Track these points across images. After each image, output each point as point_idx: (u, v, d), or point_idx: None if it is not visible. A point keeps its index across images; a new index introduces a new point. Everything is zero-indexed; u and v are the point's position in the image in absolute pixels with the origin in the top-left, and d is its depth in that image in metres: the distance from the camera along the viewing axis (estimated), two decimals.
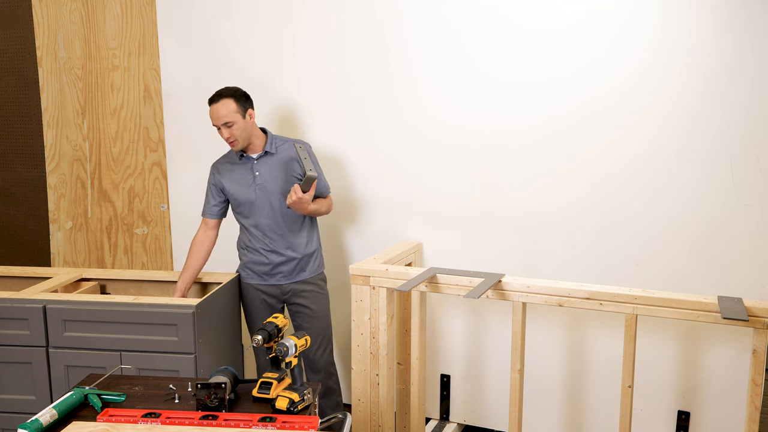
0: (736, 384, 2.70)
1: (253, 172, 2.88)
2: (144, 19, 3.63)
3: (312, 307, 2.96)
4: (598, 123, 2.81)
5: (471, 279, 2.53)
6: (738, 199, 2.64)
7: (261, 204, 2.87)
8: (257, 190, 2.86)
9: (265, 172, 2.87)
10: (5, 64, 3.96)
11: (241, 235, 2.99)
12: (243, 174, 2.89)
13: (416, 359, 2.71)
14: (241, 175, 2.89)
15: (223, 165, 2.95)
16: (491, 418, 3.18)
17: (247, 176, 2.88)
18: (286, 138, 2.97)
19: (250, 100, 2.86)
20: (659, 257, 2.78)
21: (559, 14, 2.81)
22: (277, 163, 2.87)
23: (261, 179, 2.86)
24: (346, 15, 3.18)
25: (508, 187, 3.00)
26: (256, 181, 2.86)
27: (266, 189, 2.86)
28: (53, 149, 3.88)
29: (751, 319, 2.17)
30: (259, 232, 2.91)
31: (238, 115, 2.77)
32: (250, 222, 2.92)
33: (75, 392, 1.90)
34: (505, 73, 2.93)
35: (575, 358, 2.98)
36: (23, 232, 4.10)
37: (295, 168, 2.89)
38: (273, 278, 2.94)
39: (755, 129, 2.59)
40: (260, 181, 2.86)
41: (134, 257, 3.86)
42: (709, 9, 2.60)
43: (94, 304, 2.63)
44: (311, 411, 1.95)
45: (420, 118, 3.11)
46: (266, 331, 2.01)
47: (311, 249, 2.96)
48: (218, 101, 2.77)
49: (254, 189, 2.87)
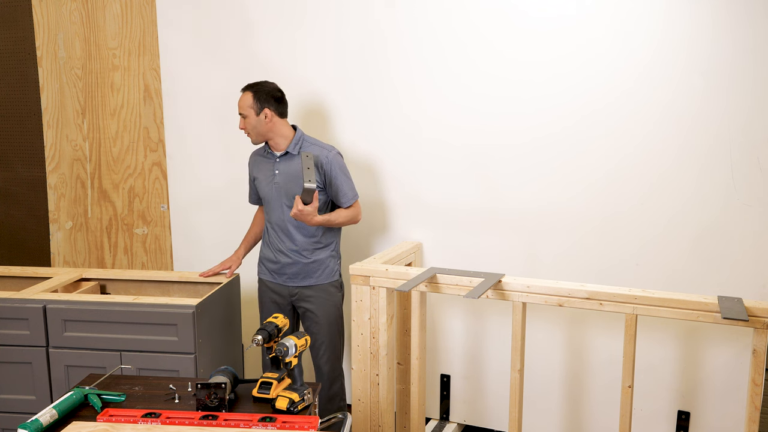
0: (736, 384, 2.70)
1: (273, 169, 2.89)
2: (144, 19, 3.63)
3: (317, 313, 2.93)
4: (599, 123, 2.81)
5: (471, 279, 2.53)
6: (738, 199, 2.64)
7: (276, 203, 2.88)
8: (274, 188, 2.88)
9: (283, 172, 2.87)
10: (5, 64, 3.96)
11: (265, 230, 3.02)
12: (267, 169, 2.92)
13: (416, 359, 2.71)
14: (266, 170, 2.92)
15: (256, 157, 3.00)
16: (491, 418, 3.18)
17: (269, 172, 2.91)
18: (316, 141, 2.92)
19: (273, 101, 2.82)
20: (659, 257, 2.78)
21: (559, 14, 2.81)
22: (296, 166, 2.85)
23: (279, 178, 2.88)
24: (346, 15, 3.18)
25: (508, 187, 3.00)
26: (275, 179, 2.88)
27: (281, 189, 2.87)
28: (53, 149, 3.88)
29: (751, 319, 2.17)
30: (273, 229, 2.92)
31: (251, 111, 2.81)
32: (268, 217, 2.95)
33: (75, 392, 1.90)
34: (504, 73, 2.94)
35: (575, 358, 2.98)
36: (23, 232, 4.10)
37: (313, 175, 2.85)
38: (280, 278, 2.94)
39: (755, 129, 2.59)
40: (278, 180, 2.88)
41: (134, 257, 3.86)
42: (709, 9, 2.60)
43: (94, 304, 2.63)
44: (311, 411, 1.95)
45: (420, 118, 3.11)
46: (266, 331, 2.02)
47: (322, 256, 2.91)
48: (243, 91, 2.85)
49: (272, 186, 2.88)
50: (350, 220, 2.91)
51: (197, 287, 3.07)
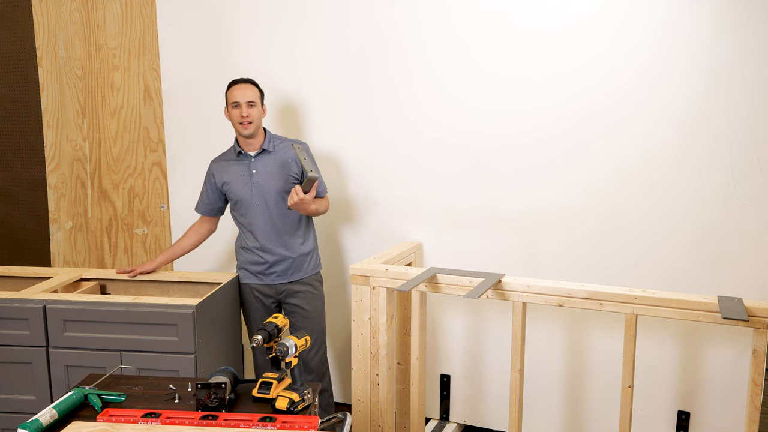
0: (736, 384, 2.70)
1: (250, 169, 2.89)
2: (144, 19, 3.63)
3: (306, 308, 2.97)
4: (599, 123, 2.81)
5: (471, 279, 2.53)
6: (738, 199, 2.64)
7: (257, 202, 2.88)
8: (253, 188, 2.88)
9: (262, 171, 2.88)
10: (5, 64, 3.96)
11: (239, 235, 3.01)
12: (240, 172, 2.91)
13: (416, 359, 2.71)
14: (239, 172, 2.91)
15: (220, 162, 2.97)
16: (491, 418, 3.18)
17: (244, 174, 2.90)
18: (283, 138, 2.99)
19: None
20: (659, 257, 2.78)
21: (559, 14, 2.81)
22: (274, 162, 2.89)
23: (257, 177, 2.88)
24: (346, 15, 3.18)
25: (508, 187, 3.00)
26: (252, 179, 2.88)
27: (262, 187, 2.88)
28: (53, 149, 3.88)
29: (751, 319, 2.17)
30: (254, 230, 2.92)
31: (259, 102, 2.89)
32: (246, 221, 2.94)
33: (75, 392, 1.90)
34: (505, 73, 2.94)
35: (575, 358, 2.98)
36: (23, 232, 4.10)
37: (293, 168, 2.90)
38: (268, 278, 2.94)
39: (755, 129, 2.59)
40: (257, 179, 2.88)
41: (134, 257, 3.86)
42: (709, 9, 2.60)
43: (94, 304, 2.63)
44: (311, 411, 1.95)
45: (420, 118, 3.11)
46: (266, 331, 2.01)
47: (307, 249, 2.97)
48: (246, 83, 2.88)
49: (251, 187, 2.88)
50: (326, 209, 3.00)
51: (197, 287, 3.07)
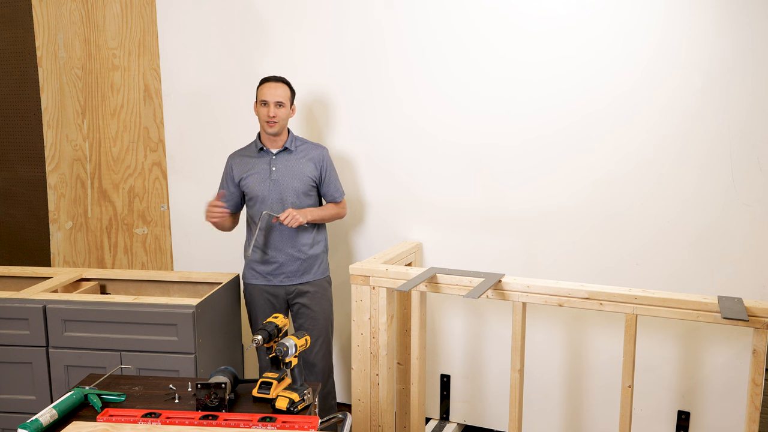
0: (736, 384, 2.70)
1: (270, 166, 2.90)
2: (144, 19, 3.63)
3: (314, 309, 2.96)
4: (599, 123, 2.81)
5: (471, 279, 2.53)
6: (738, 199, 2.64)
7: (273, 199, 2.89)
8: (272, 185, 2.89)
9: (281, 168, 2.89)
10: (5, 64, 3.96)
11: (248, 234, 2.99)
12: (260, 167, 2.91)
13: (416, 359, 2.71)
14: (258, 168, 2.92)
15: (241, 157, 2.98)
16: (491, 418, 3.18)
17: (263, 170, 2.91)
18: (305, 140, 3.01)
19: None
20: (659, 257, 2.78)
21: (559, 14, 2.81)
22: (294, 162, 2.91)
23: (277, 174, 2.89)
24: (346, 15, 3.18)
25: (508, 187, 3.00)
26: (272, 176, 2.89)
27: (280, 185, 2.88)
28: (53, 149, 3.88)
29: (751, 319, 2.17)
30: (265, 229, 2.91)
31: (288, 102, 2.89)
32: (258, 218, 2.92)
33: (75, 392, 1.90)
34: (505, 73, 2.94)
35: (575, 358, 2.98)
36: (23, 232, 4.09)
37: (310, 170, 2.92)
38: (277, 278, 2.94)
39: (755, 129, 2.59)
40: (276, 176, 2.89)
41: (134, 257, 3.86)
42: (709, 9, 2.60)
43: (94, 304, 2.63)
44: (311, 411, 1.95)
45: (420, 118, 3.11)
46: (266, 331, 2.01)
47: (316, 251, 2.97)
48: (278, 82, 2.88)
49: (269, 183, 2.89)
50: (337, 215, 3.01)
51: (197, 287, 3.07)
